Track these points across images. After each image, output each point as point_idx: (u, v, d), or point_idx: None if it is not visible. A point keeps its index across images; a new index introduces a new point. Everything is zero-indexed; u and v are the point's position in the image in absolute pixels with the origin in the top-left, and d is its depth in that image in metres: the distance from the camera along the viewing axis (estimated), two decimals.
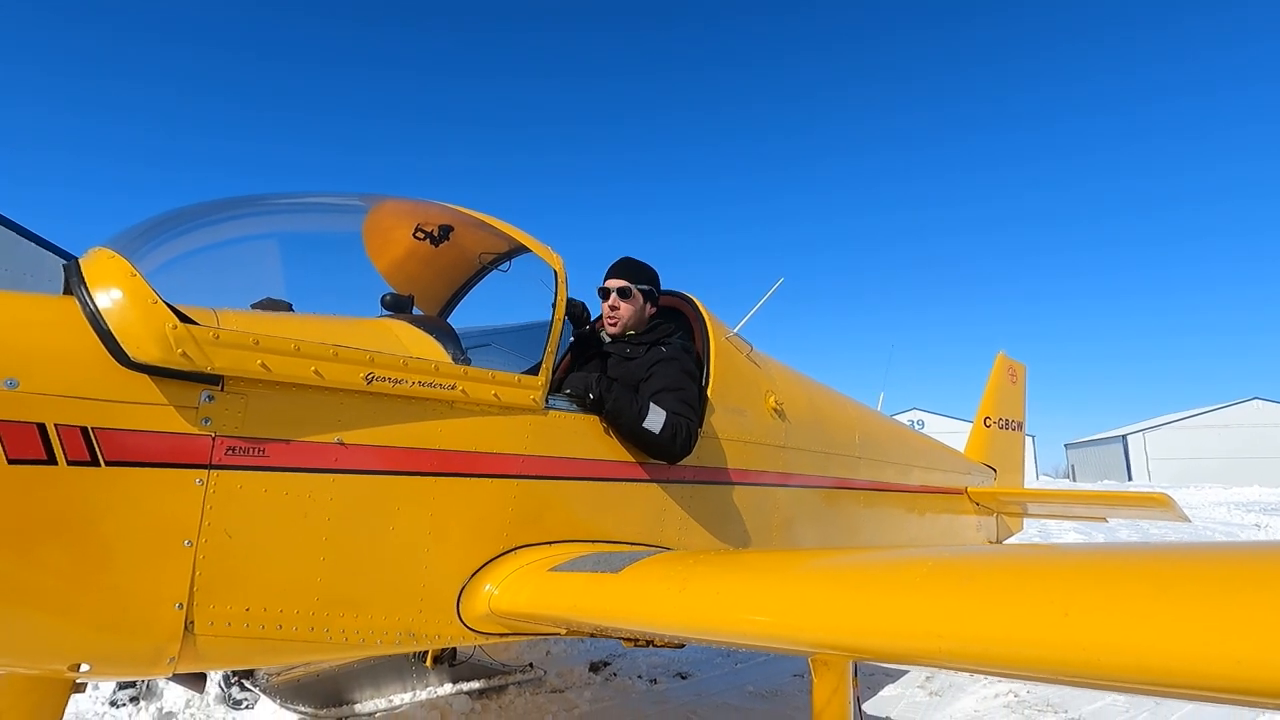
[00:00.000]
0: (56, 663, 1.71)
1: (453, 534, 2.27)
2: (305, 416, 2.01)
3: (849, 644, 1.49)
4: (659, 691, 4.65)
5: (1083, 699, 4.52)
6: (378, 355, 2.12)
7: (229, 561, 1.86)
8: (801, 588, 1.66)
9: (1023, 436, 7.82)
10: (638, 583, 2.01)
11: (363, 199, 2.90)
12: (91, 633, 1.72)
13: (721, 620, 1.75)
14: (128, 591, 1.73)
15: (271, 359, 1.93)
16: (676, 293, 3.56)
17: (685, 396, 2.90)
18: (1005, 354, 7.73)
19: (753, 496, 3.38)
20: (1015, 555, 1.54)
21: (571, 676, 4.72)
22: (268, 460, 1.93)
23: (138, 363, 1.76)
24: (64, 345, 1.73)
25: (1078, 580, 1.26)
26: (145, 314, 1.79)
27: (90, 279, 1.85)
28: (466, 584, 2.29)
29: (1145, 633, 1.08)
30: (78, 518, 1.67)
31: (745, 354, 3.56)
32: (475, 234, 3.09)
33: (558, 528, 2.54)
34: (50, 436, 1.63)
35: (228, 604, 1.86)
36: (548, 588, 2.21)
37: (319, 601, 2.01)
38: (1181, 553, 1.26)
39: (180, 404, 1.82)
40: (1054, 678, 1.24)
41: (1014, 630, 1.23)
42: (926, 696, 4.64)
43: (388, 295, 2.87)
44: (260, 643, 1.93)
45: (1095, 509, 7.30)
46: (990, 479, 6.68)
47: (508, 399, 2.40)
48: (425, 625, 2.22)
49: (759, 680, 4.89)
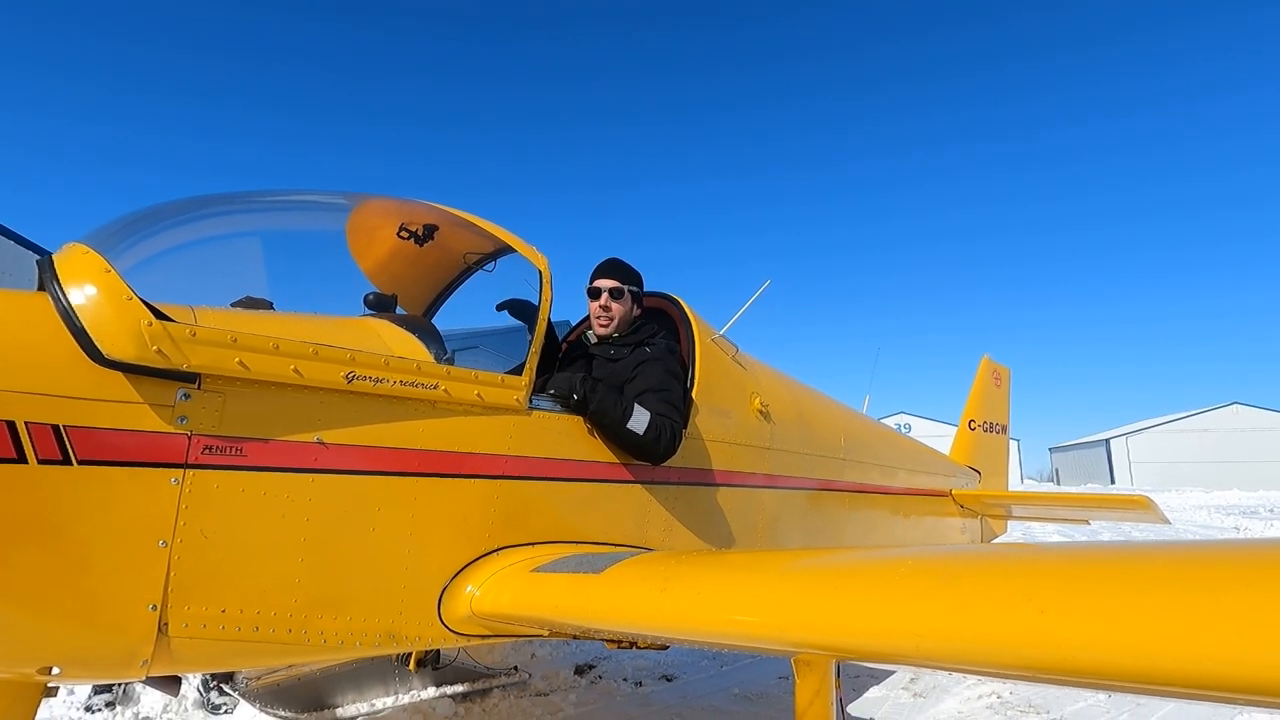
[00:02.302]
0: (26, 665, 1.68)
1: (434, 535, 2.25)
2: (284, 415, 1.98)
3: (829, 643, 1.49)
4: (644, 694, 4.63)
5: (1065, 699, 4.55)
6: (359, 354, 2.10)
7: (205, 562, 1.83)
8: (782, 587, 1.66)
9: (1007, 439, 7.89)
10: (619, 583, 2.00)
11: (346, 197, 2.88)
12: (62, 634, 1.69)
13: (703, 620, 1.74)
14: (100, 592, 1.70)
15: (250, 357, 1.90)
16: (662, 294, 3.56)
17: (670, 398, 2.90)
18: (990, 358, 7.80)
19: (738, 498, 3.38)
20: (994, 554, 1.55)
21: (556, 679, 4.69)
22: (246, 460, 1.91)
23: (112, 360, 1.73)
24: (36, 342, 1.70)
25: (1054, 579, 1.27)
26: (120, 310, 1.76)
27: (64, 275, 1.82)
28: (448, 585, 2.27)
29: (1120, 630, 1.09)
30: (48, 517, 1.64)
31: (730, 355, 3.56)
32: (460, 234, 3.08)
33: (541, 528, 2.53)
34: (20, 434, 1.60)
35: (203, 605, 1.83)
36: (530, 589, 2.19)
37: (297, 603, 1.98)
38: (1156, 552, 1.28)
39: (156, 402, 1.79)
40: (1032, 676, 1.24)
41: (991, 629, 1.23)
42: (910, 698, 4.66)
43: (371, 294, 2.85)
44: (237, 645, 1.90)
45: (1078, 511, 7.38)
46: (975, 481, 6.73)
47: (491, 399, 2.39)
48: (406, 627, 2.19)
49: (744, 683, 4.89)
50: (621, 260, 3.24)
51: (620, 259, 3.24)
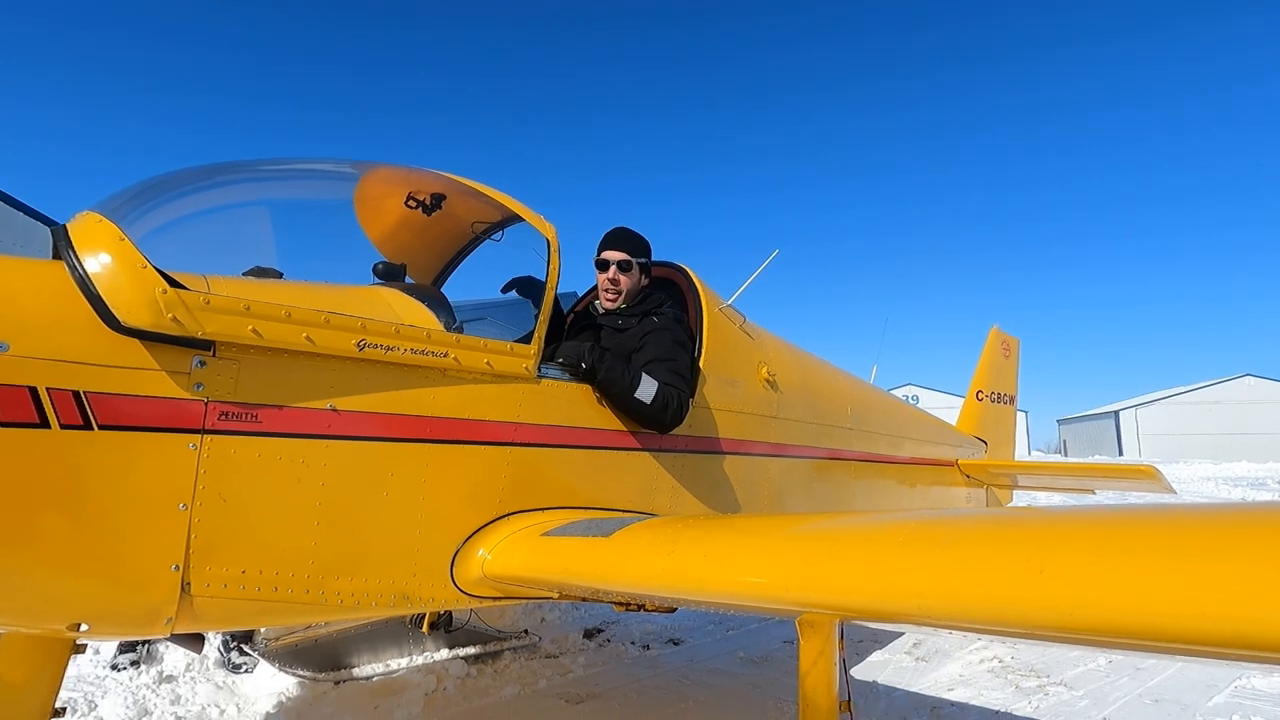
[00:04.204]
0: (56, 622, 1.74)
1: (446, 500, 2.30)
2: (298, 383, 2.01)
3: (834, 602, 1.52)
4: (651, 657, 4.74)
5: (1066, 664, 4.63)
6: (369, 322, 2.12)
7: (224, 525, 1.88)
8: (788, 549, 1.69)
9: (1014, 410, 7.88)
10: (628, 546, 2.04)
11: (354, 166, 2.87)
12: (89, 593, 1.75)
13: (710, 581, 1.78)
14: (124, 553, 1.76)
15: (263, 325, 1.93)
16: (670, 263, 3.55)
17: (677, 367, 2.92)
18: (999, 328, 7.76)
19: (744, 467, 3.41)
20: (995, 517, 1.57)
21: (566, 643, 4.81)
22: (261, 426, 1.94)
23: (128, 327, 1.76)
24: (54, 309, 1.73)
25: (1053, 540, 1.29)
26: (135, 278, 1.79)
27: (78, 243, 1.84)
28: (460, 549, 2.32)
29: (1116, 589, 1.11)
30: (72, 480, 1.68)
31: (738, 325, 3.56)
32: (468, 202, 3.07)
33: (550, 495, 2.57)
34: (42, 400, 1.64)
35: (224, 566, 1.89)
36: (540, 552, 2.24)
37: (315, 565, 2.03)
38: (1152, 513, 1.29)
39: (172, 369, 1.82)
40: (1031, 634, 1.27)
41: (992, 588, 1.26)
42: (913, 662, 4.75)
43: (380, 264, 2.86)
44: (257, 604, 1.96)
45: (1083, 481, 7.40)
46: (981, 452, 6.75)
47: (500, 367, 2.41)
48: (420, 589, 2.25)
49: (749, 647, 4.99)
50: (629, 229, 3.22)
51: (628, 228, 3.22)
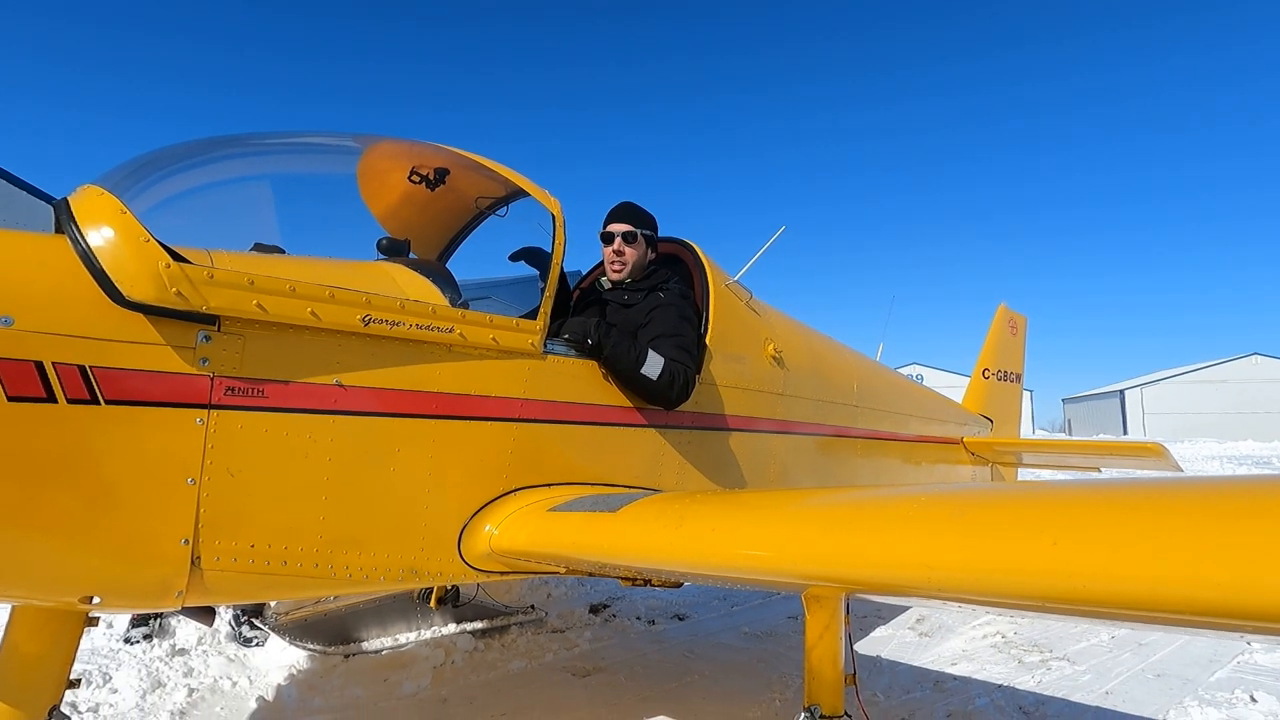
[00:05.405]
0: (68, 594, 1.75)
1: (452, 475, 2.30)
2: (303, 358, 2.01)
3: (842, 575, 1.52)
4: (657, 632, 4.78)
5: (1069, 639, 4.66)
6: (374, 297, 2.10)
7: (233, 499, 1.89)
8: (796, 523, 1.69)
9: (1020, 388, 7.85)
10: (635, 521, 2.04)
11: (357, 139, 2.84)
12: (100, 566, 1.76)
13: (717, 555, 1.78)
14: (134, 526, 1.76)
15: (268, 299, 1.91)
16: (676, 239, 3.52)
17: (683, 343, 2.90)
18: (1007, 305, 7.71)
19: (751, 443, 3.41)
20: (1005, 491, 1.56)
21: (572, 618, 4.85)
22: (267, 401, 1.94)
23: (132, 301, 1.75)
24: (58, 283, 1.72)
25: (1065, 512, 1.28)
26: (138, 252, 1.77)
27: (81, 217, 1.82)
28: (467, 524, 2.33)
29: (1129, 560, 1.10)
30: (80, 455, 1.69)
31: (745, 301, 3.54)
32: (472, 177, 3.04)
33: (556, 470, 2.57)
34: (49, 374, 1.63)
35: (233, 540, 1.89)
36: (547, 527, 2.25)
37: (322, 539, 2.04)
38: (1165, 486, 1.28)
39: (177, 344, 1.81)
40: (1042, 606, 1.27)
41: (1004, 560, 1.25)
42: (916, 637, 4.78)
43: (384, 239, 2.83)
44: (266, 577, 1.97)
45: (1089, 459, 7.40)
46: (987, 430, 6.74)
47: (506, 343, 2.40)
48: (427, 563, 2.26)
49: (754, 622, 5.03)
50: (635, 204, 3.19)
51: (634, 203, 3.19)
